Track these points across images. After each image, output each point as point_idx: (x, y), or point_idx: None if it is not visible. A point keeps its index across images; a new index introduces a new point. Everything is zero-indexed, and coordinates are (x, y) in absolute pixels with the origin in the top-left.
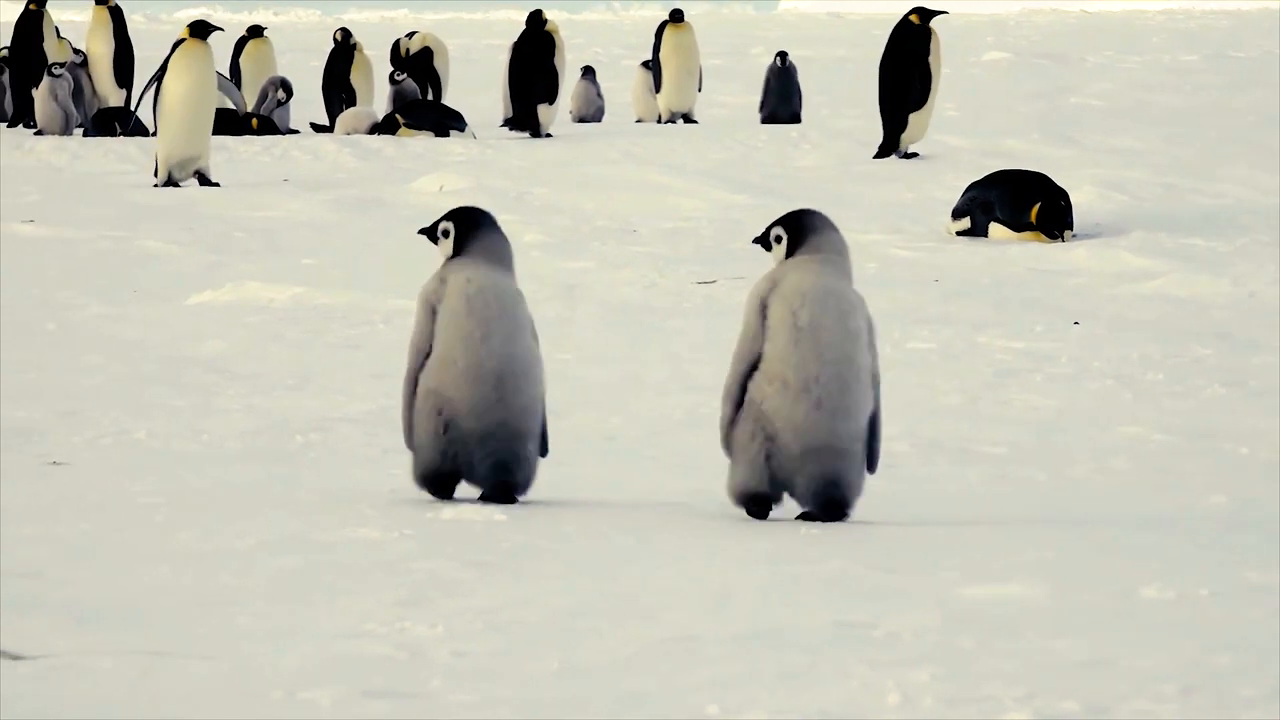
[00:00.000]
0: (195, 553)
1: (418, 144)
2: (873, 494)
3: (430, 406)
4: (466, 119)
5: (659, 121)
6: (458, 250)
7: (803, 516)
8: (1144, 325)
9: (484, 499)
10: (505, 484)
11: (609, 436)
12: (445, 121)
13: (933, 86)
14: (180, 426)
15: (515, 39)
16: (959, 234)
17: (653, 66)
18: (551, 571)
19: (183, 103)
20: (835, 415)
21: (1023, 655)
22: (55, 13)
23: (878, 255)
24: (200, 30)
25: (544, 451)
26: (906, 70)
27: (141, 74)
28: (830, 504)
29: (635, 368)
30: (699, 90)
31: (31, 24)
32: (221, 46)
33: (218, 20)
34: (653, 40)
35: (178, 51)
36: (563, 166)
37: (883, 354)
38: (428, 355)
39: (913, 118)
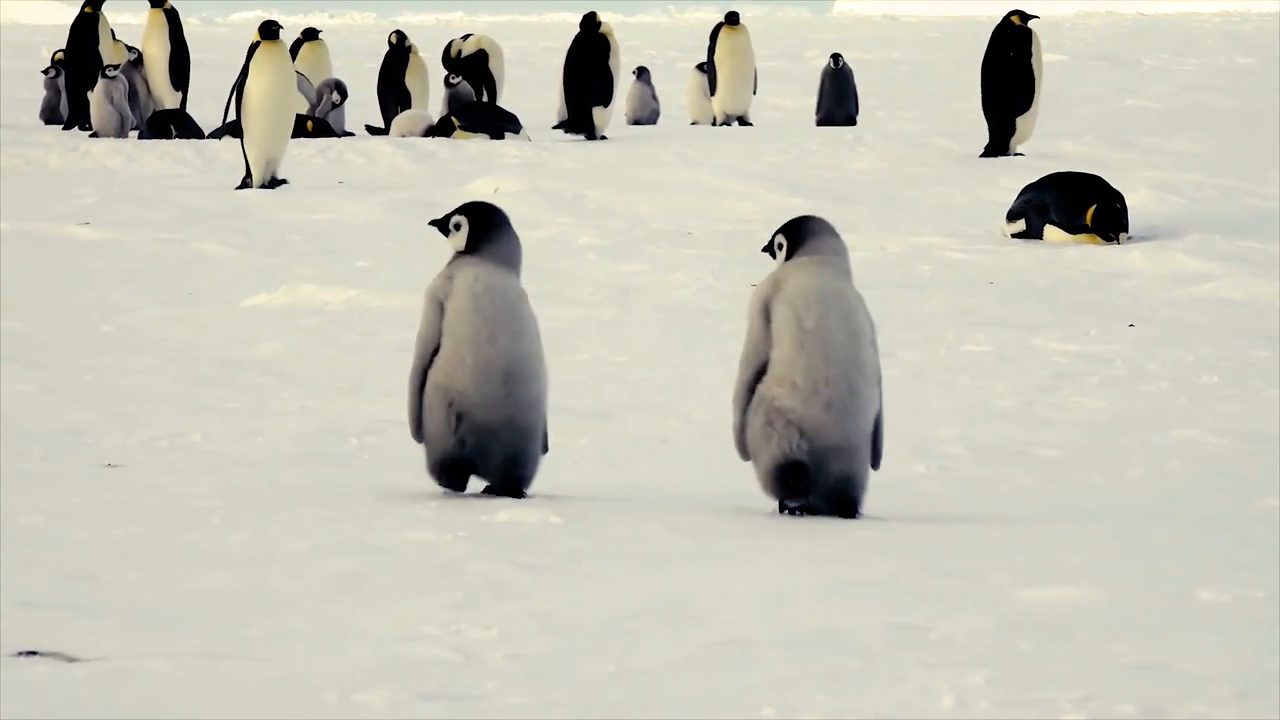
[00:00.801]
0: (249, 555)
1: (473, 146)
2: (927, 496)
3: (441, 400)
4: (521, 121)
5: (714, 124)
6: (470, 247)
7: (806, 510)
8: (1199, 328)
9: (490, 491)
10: (516, 478)
11: (663, 439)
12: (500, 124)
13: (1037, 88)
14: (235, 429)
15: (570, 41)
16: (1014, 236)
17: (707, 69)
18: (606, 574)
19: (266, 103)
20: (845, 415)
21: (1078, 658)
22: (111, 15)
23: (933, 258)
24: (269, 31)
25: (544, 449)
26: (1011, 72)
27: (197, 77)
28: (844, 502)
29: (689, 370)
30: (754, 93)
31: (87, 26)
32: None
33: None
34: (707, 43)
35: (256, 54)
36: (617, 169)
37: (938, 357)
38: (435, 350)
39: (1020, 121)
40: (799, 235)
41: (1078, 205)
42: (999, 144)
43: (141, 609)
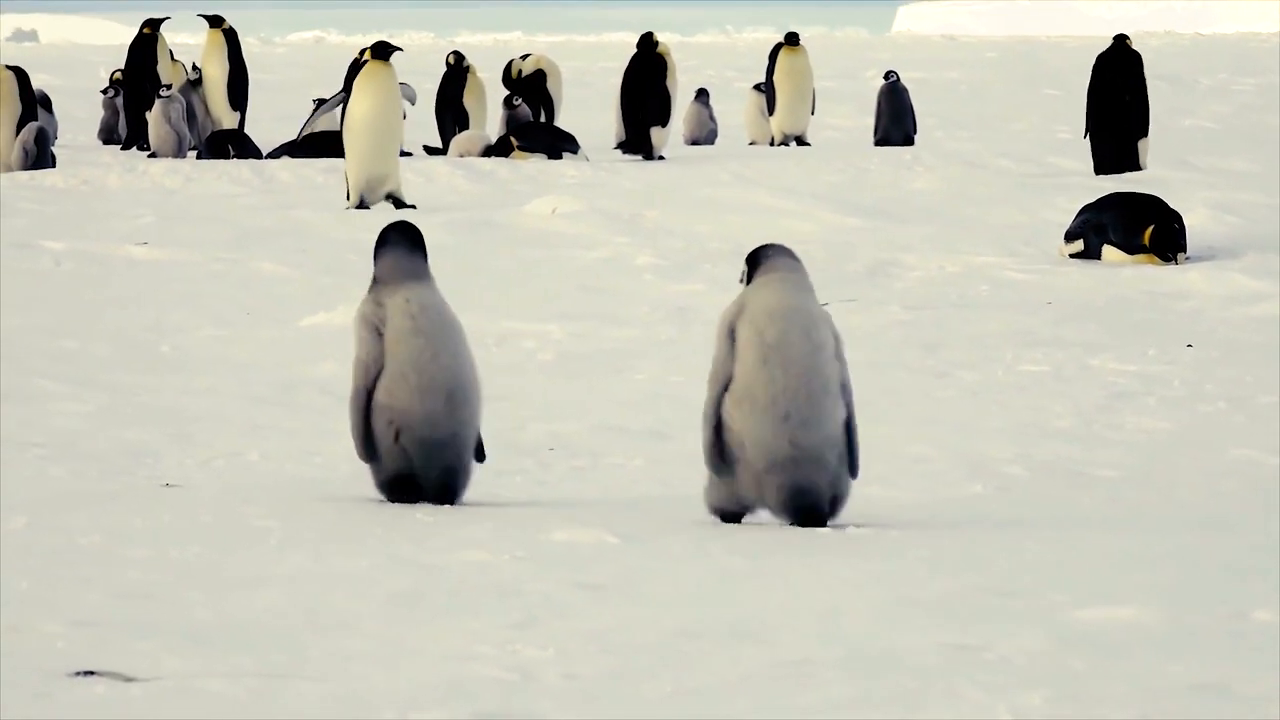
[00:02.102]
0: (307, 575)
1: (530, 166)
2: (985, 515)
3: (385, 420)
4: (579, 141)
5: (771, 144)
6: (384, 269)
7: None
8: (1257, 348)
9: (434, 500)
10: (452, 489)
11: None
12: (558, 144)
13: (1149, 108)
14: (292, 449)
15: (628, 61)
16: (1072, 256)
17: (766, 89)
18: (662, 594)
19: (368, 124)
20: (803, 426)
21: (1135, 678)
22: (169, 35)
23: (990, 278)
24: (381, 51)
25: (480, 457)
26: (1132, 96)
27: (255, 97)
28: (802, 511)
29: None
30: (812, 113)
31: (146, 47)
32: (336, 69)
33: (331, 43)
34: (766, 63)
35: (361, 73)
36: (675, 189)
37: (995, 377)
38: (377, 374)
39: (1140, 143)
40: (757, 260)
41: (1136, 225)
42: (1110, 164)
43: (199, 628)
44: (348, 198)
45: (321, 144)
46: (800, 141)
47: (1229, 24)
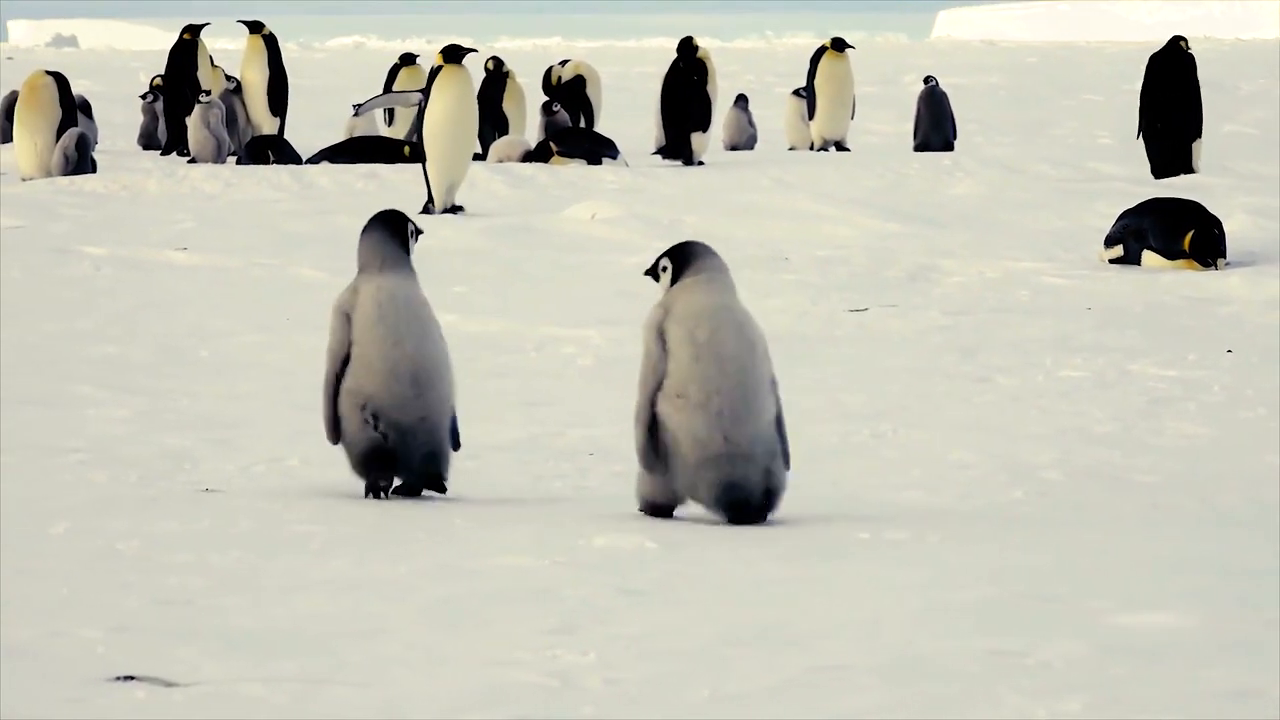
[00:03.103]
0: (347, 580)
1: (570, 172)
2: (1024, 520)
3: (354, 404)
4: (619, 147)
5: (811, 149)
6: (369, 263)
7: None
8: None
9: (409, 490)
10: (436, 474)
11: None
12: (598, 149)
13: (1202, 110)
14: (333, 454)
15: (668, 67)
16: (1112, 262)
17: (807, 94)
18: (702, 599)
19: (448, 128)
20: (736, 423)
21: (1174, 683)
22: (209, 41)
23: (1030, 283)
24: (453, 54)
25: (456, 445)
26: (1184, 97)
27: (295, 102)
28: (734, 505)
29: (787, 395)
30: (852, 118)
31: (186, 52)
32: (375, 74)
33: (371, 49)
34: (807, 67)
35: (438, 78)
36: (715, 194)
37: (1035, 382)
38: (345, 359)
39: (1194, 145)
40: (684, 259)
41: (1175, 231)
42: (1166, 167)
43: (239, 634)
44: (430, 202)
45: (361, 149)
46: (840, 147)
47: (1270, 29)
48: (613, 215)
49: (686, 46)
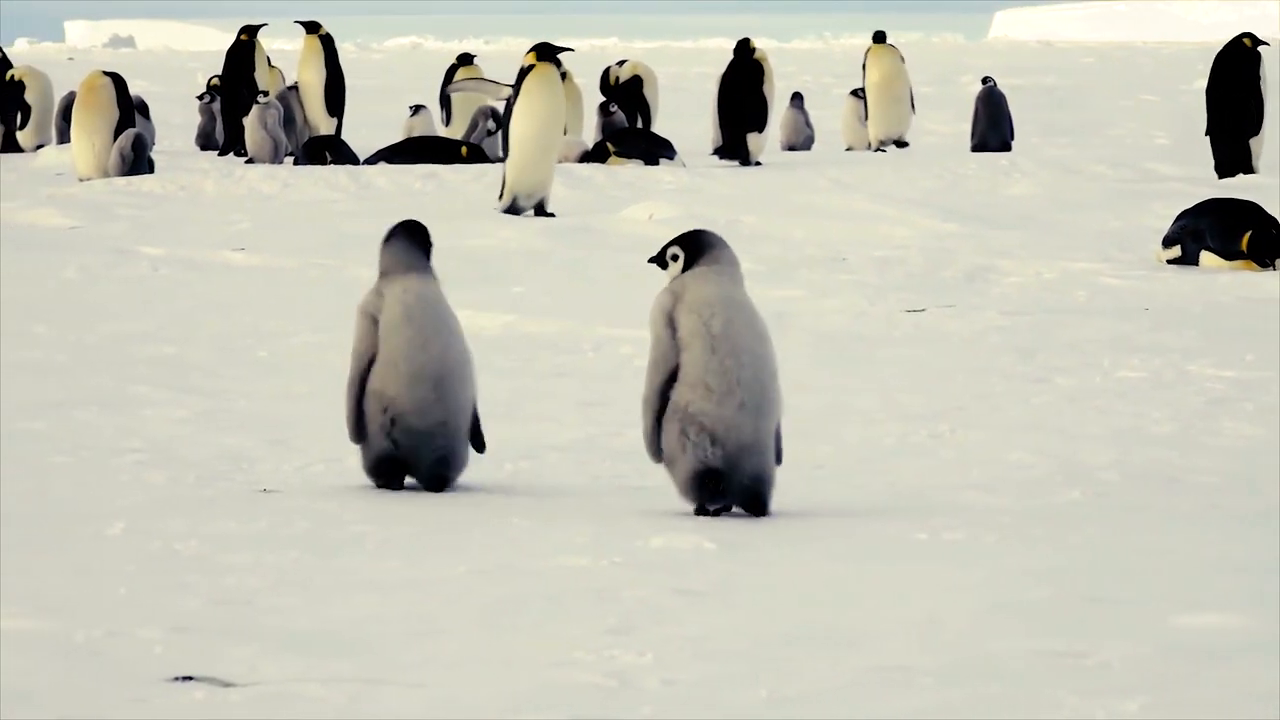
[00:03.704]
0: (404, 580)
1: (627, 172)
2: (1082, 521)
3: (377, 407)
4: (676, 147)
5: (869, 149)
6: (391, 264)
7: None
8: None
9: (426, 488)
10: (443, 476)
11: (817, 465)
12: (655, 150)
13: (1265, 110)
14: None
15: (724, 67)
16: (1169, 262)
17: (863, 95)
18: (760, 600)
19: (534, 129)
20: (758, 415)
21: (1233, 684)
22: (266, 42)
23: (1087, 284)
24: (546, 53)
25: (480, 448)
26: (1244, 95)
27: (352, 102)
28: (756, 499)
29: (844, 396)
30: (912, 112)
31: (243, 53)
32: (433, 75)
33: (428, 49)
34: (860, 69)
35: (529, 77)
36: (772, 195)
37: (1093, 383)
38: (370, 360)
39: (1251, 142)
40: (697, 248)
41: (1233, 231)
42: (1229, 165)
43: (297, 634)
44: (500, 198)
45: (419, 149)
46: (899, 143)
47: None
48: (670, 216)
49: (744, 47)
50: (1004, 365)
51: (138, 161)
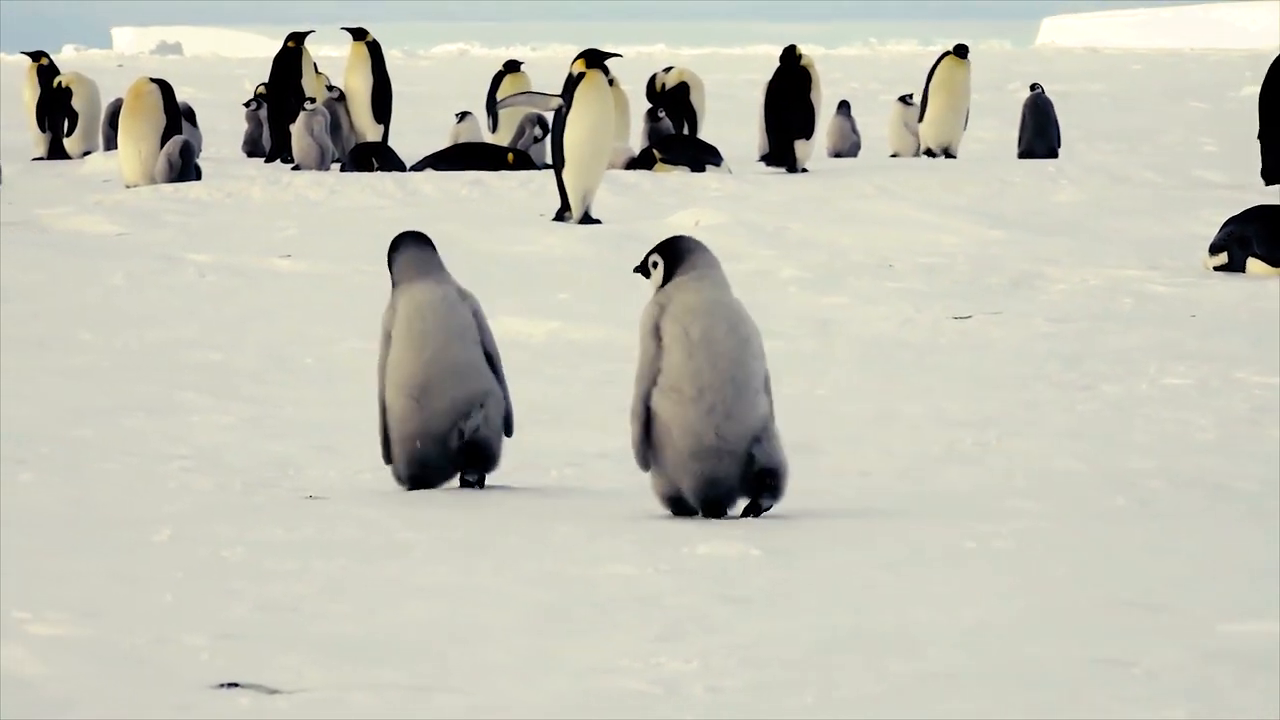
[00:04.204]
0: (450, 587)
1: (674, 179)
2: (1127, 528)
3: (391, 423)
4: (722, 154)
5: (916, 154)
6: (400, 274)
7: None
8: None
9: (465, 482)
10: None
11: (864, 472)
12: (701, 157)
13: None
14: None
15: (771, 74)
16: (1216, 269)
17: (920, 98)
18: (806, 606)
19: (589, 136)
20: (728, 419)
21: None
22: (313, 48)
23: (1134, 290)
24: (595, 59)
25: (508, 431)
26: None
27: (399, 109)
28: (711, 501)
29: (890, 403)
30: (964, 128)
31: (290, 60)
32: (479, 82)
33: (475, 56)
34: (908, 74)
35: (581, 85)
36: (819, 201)
37: (1139, 390)
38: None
39: None
40: (675, 256)
41: None
42: (1277, 171)
43: (343, 641)
44: (565, 212)
45: (465, 156)
46: (948, 154)
47: None
48: (717, 222)
49: (790, 54)
50: (1050, 372)
51: (185, 168)
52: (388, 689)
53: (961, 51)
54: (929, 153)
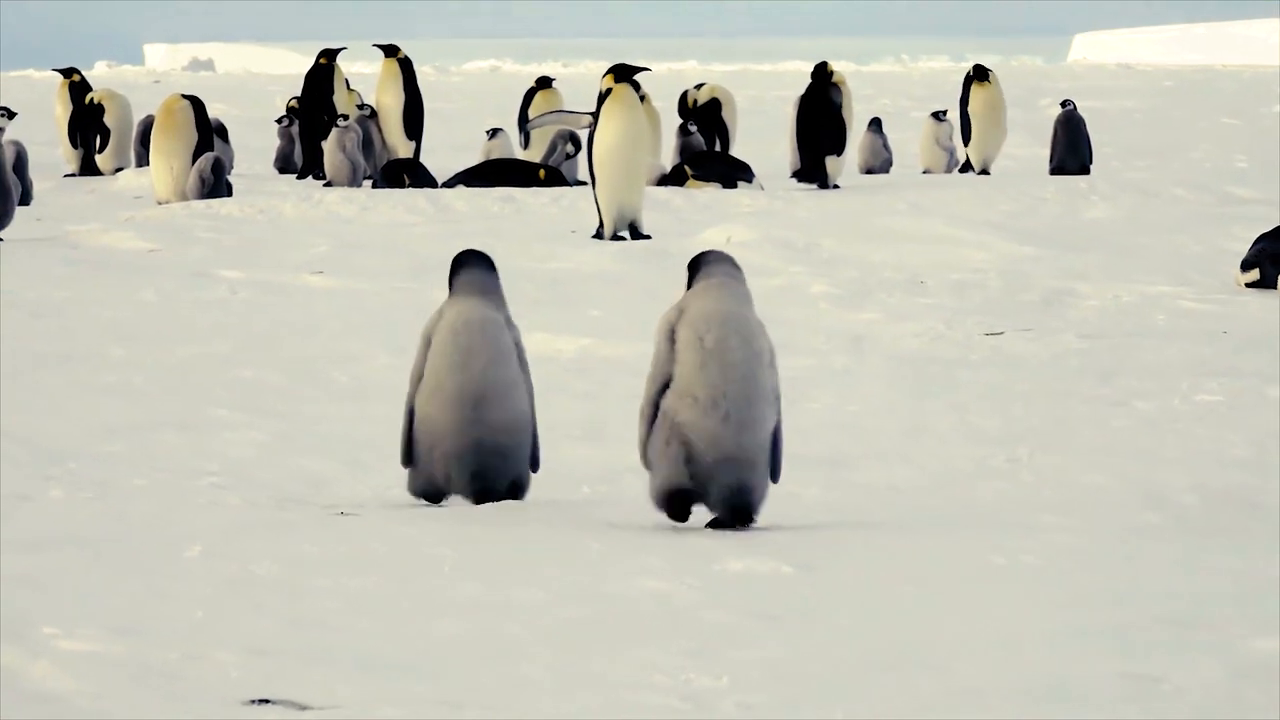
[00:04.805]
0: (481, 603)
1: (705, 195)
2: (1159, 544)
3: (421, 430)
4: (754, 170)
5: (962, 170)
6: (453, 288)
7: (711, 524)
8: None
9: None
10: (481, 490)
11: (894, 487)
12: (733, 173)
13: None
14: None
15: (803, 90)
16: (1248, 285)
17: (960, 118)
18: (836, 622)
19: (620, 152)
20: (741, 428)
21: None
22: (345, 65)
23: (1166, 307)
24: (624, 73)
25: (535, 467)
26: None
27: (430, 126)
28: (737, 510)
29: (920, 419)
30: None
31: (322, 77)
32: (510, 97)
33: (507, 72)
34: (940, 91)
35: (609, 100)
36: (850, 218)
37: (1172, 406)
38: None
39: None
40: (697, 264)
41: None
42: None
43: (374, 657)
44: (600, 229)
45: (497, 172)
46: (983, 171)
47: None
48: (748, 238)
49: (822, 70)
50: (1082, 389)
51: (216, 184)
52: (419, 704)
53: (982, 74)
54: (966, 168)
